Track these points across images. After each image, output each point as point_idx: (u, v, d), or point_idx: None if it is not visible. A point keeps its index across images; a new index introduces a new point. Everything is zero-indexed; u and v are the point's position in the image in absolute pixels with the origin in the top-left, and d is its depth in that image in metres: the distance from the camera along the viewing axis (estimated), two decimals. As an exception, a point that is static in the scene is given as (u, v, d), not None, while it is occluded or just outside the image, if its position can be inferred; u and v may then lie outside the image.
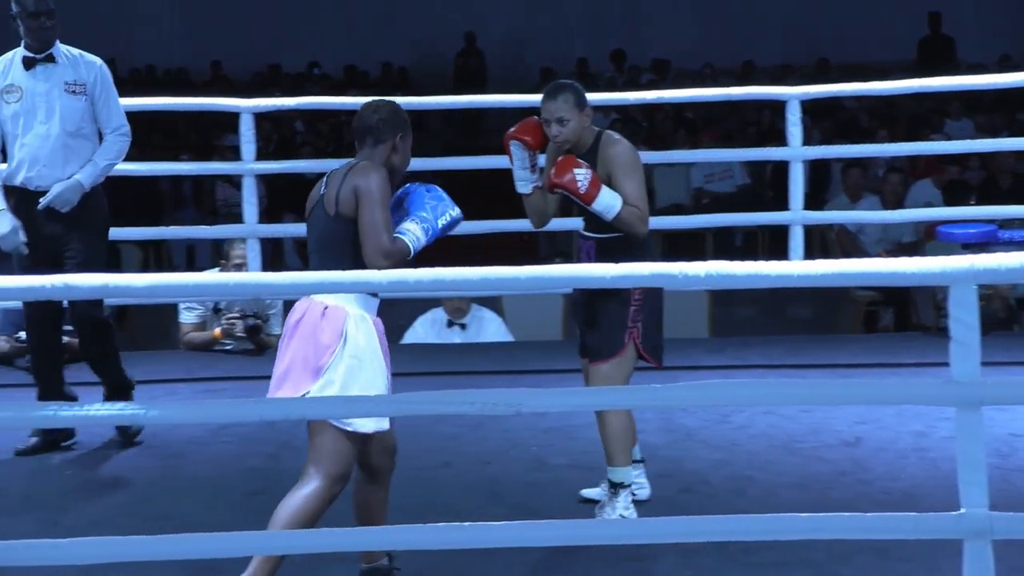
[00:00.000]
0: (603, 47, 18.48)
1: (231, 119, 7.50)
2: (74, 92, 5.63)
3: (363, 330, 4.12)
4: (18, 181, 5.62)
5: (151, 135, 13.93)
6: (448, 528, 4.02)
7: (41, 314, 5.67)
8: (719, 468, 5.42)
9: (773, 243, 12.52)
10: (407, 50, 19.23)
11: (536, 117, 4.85)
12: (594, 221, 4.81)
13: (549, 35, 19.46)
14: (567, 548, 4.46)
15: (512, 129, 4.88)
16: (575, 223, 7.56)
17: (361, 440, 4.13)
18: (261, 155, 7.41)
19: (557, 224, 4.95)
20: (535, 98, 8.20)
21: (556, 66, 18.33)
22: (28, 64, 5.61)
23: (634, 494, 4.96)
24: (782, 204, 7.55)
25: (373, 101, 4.39)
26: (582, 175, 4.68)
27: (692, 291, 7.72)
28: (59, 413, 3.95)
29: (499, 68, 18.76)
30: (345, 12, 19.66)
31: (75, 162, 5.62)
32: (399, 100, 9.41)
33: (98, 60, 5.73)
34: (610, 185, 4.73)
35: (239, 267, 7.14)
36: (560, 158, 4.76)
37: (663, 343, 4.94)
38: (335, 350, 4.07)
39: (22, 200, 5.62)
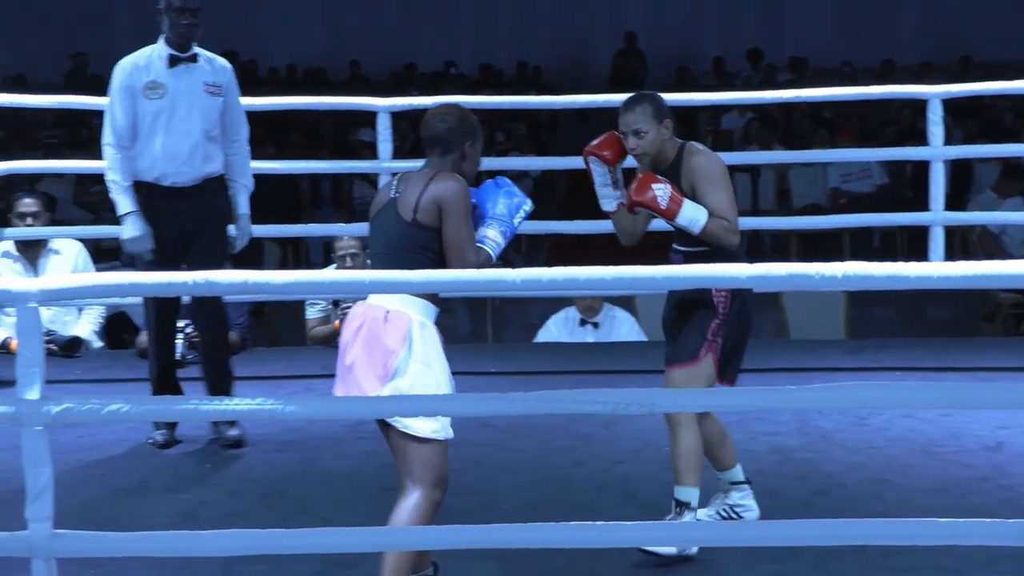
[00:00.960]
0: (739, 45, 18.32)
1: (369, 117, 7.57)
2: (212, 93, 5.72)
3: (427, 336, 4.09)
4: (150, 177, 5.68)
5: (291, 134, 14.13)
6: (581, 527, 4.02)
7: (165, 312, 5.77)
8: (855, 471, 5.34)
9: (912, 244, 12.30)
10: (542, 49, 19.26)
11: (616, 131, 4.69)
12: (685, 235, 4.65)
13: (683, 33, 19.35)
14: (701, 549, 4.43)
15: (591, 144, 4.73)
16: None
17: (442, 444, 4.11)
18: (398, 154, 7.47)
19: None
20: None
21: (691, 65, 18.24)
22: (172, 62, 5.69)
23: (740, 516, 4.77)
24: (922, 204, 7.42)
25: (440, 107, 4.31)
26: (661, 191, 4.52)
27: (829, 292, 7.63)
28: (199, 407, 4.02)
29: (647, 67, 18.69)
30: (481, 12, 19.75)
31: (209, 162, 5.72)
32: (535, 99, 9.40)
33: (227, 63, 5.84)
34: (695, 197, 4.58)
35: (347, 258, 7.20)
36: (638, 176, 4.60)
37: (740, 368, 4.70)
38: (401, 354, 4.05)
39: (151, 196, 5.68)
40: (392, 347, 4.04)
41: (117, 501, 5.16)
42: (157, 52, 5.71)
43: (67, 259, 7.23)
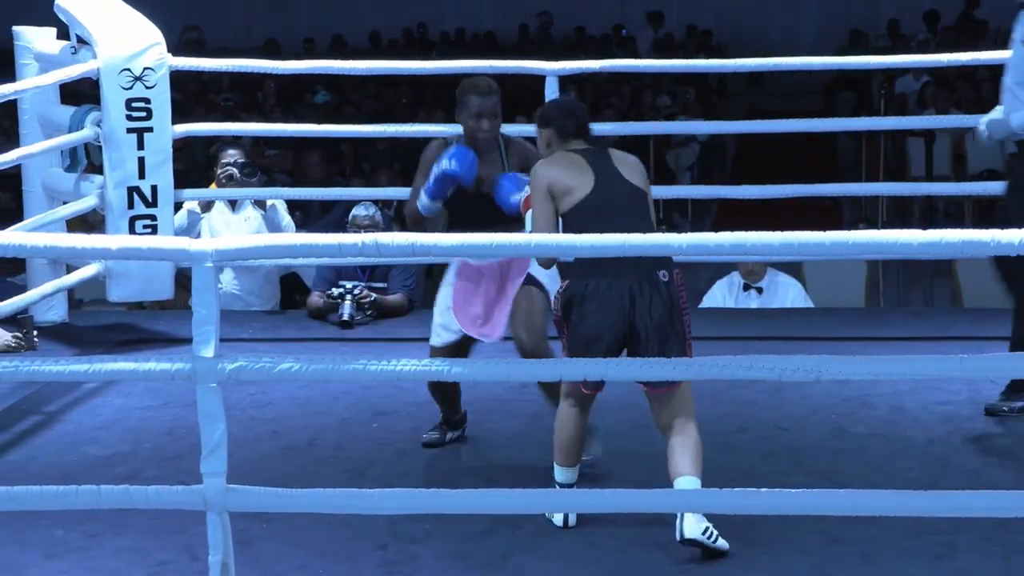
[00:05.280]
0: (915, 7, 17.92)
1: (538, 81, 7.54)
2: None
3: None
4: None
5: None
6: (748, 493, 4.00)
7: None
8: (1030, 442, 5.23)
9: (1094, 211, 11.94)
10: (712, 12, 19.07)
11: None
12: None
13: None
14: (867, 517, 4.37)
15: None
16: (879, 188, 7.38)
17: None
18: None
19: (860, 188, 4.81)
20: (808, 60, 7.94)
21: (865, 27, 17.89)
22: None
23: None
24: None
25: None
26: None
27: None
28: (367, 367, 4.07)
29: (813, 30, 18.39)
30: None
31: None
32: (704, 62, 9.30)
33: None
34: None
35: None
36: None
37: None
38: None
39: None
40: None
41: (288, 458, 5.27)
42: None
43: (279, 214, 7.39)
